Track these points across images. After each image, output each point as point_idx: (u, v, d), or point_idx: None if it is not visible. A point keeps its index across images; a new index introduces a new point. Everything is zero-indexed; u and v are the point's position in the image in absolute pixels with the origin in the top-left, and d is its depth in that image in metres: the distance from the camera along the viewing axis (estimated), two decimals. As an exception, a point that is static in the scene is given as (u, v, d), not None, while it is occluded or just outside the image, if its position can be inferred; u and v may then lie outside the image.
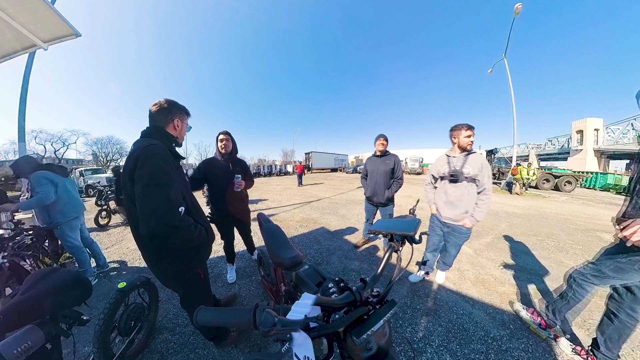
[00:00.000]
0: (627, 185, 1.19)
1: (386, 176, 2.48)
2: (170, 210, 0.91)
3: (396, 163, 2.48)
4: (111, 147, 34.23)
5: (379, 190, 2.50)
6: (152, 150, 0.96)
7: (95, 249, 2.51)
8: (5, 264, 1.66)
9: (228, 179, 1.94)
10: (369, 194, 2.59)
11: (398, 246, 0.80)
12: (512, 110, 10.64)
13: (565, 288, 1.47)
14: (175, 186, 0.97)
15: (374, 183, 2.53)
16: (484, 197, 1.71)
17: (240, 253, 2.95)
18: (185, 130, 1.20)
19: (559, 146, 23.26)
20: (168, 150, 1.05)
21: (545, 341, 1.50)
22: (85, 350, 1.46)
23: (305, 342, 0.51)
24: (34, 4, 2.29)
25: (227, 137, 2.00)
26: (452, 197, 1.82)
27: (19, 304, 0.88)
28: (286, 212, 5.30)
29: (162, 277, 1.15)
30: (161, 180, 0.93)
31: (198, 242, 1.05)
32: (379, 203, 2.55)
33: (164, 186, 0.93)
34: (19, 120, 3.67)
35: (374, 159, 2.60)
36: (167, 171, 0.96)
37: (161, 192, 0.91)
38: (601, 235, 3.70)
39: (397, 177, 2.49)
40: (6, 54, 3.20)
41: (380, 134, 2.52)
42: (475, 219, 1.73)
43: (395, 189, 2.50)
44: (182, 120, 1.16)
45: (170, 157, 1.03)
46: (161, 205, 0.89)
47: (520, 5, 8.71)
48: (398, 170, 2.48)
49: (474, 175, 1.70)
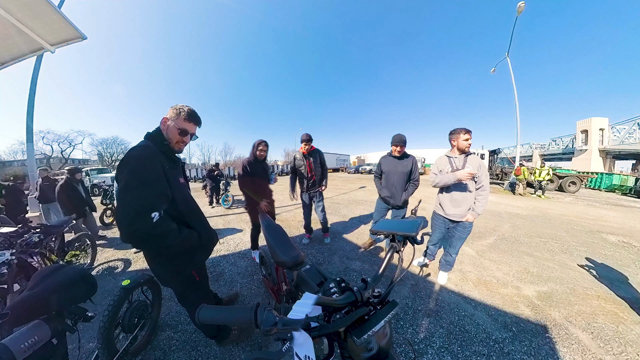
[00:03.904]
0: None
1: (404, 178, 2.43)
2: (140, 216, 0.84)
3: (414, 164, 2.45)
4: (116, 147, 34.68)
5: (396, 193, 2.45)
6: (131, 153, 0.92)
7: None
8: (14, 260, 1.69)
9: (265, 178, 2.52)
10: (387, 196, 2.50)
11: (399, 247, 0.80)
12: (516, 109, 10.52)
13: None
14: (151, 190, 0.89)
15: (391, 185, 2.46)
16: (483, 192, 1.88)
17: (242, 252, 2.97)
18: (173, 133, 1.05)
19: (563, 146, 22.93)
20: (161, 152, 1.00)
21: (549, 343, 1.48)
22: (90, 346, 1.49)
23: (306, 342, 0.51)
24: (42, 8, 2.34)
25: (266, 147, 2.47)
26: (456, 195, 1.94)
27: (26, 300, 0.90)
28: (288, 212, 5.31)
29: (158, 276, 1.17)
30: (133, 184, 0.87)
31: (182, 248, 0.98)
32: (396, 205, 2.50)
33: (136, 190, 0.86)
34: (27, 121, 3.75)
35: (390, 160, 2.50)
36: (142, 175, 0.89)
37: (132, 197, 0.85)
38: (606, 237, 3.64)
39: (414, 179, 2.47)
40: (15, 57, 3.27)
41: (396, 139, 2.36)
42: (476, 212, 1.89)
43: (411, 191, 2.47)
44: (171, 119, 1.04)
45: (156, 160, 0.95)
46: (131, 211, 0.84)
47: (522, 4, 8.60)
48: (415, 172, 2.46)
49: (473, 173, 1.83)
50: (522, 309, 1.83)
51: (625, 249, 3.18)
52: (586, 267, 2.57)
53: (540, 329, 1.61)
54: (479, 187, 1.88)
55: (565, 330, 1.61)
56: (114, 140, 34.86)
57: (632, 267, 2.59)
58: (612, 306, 1.87)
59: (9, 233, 1.84)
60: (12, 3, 2.27)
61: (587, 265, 2.62)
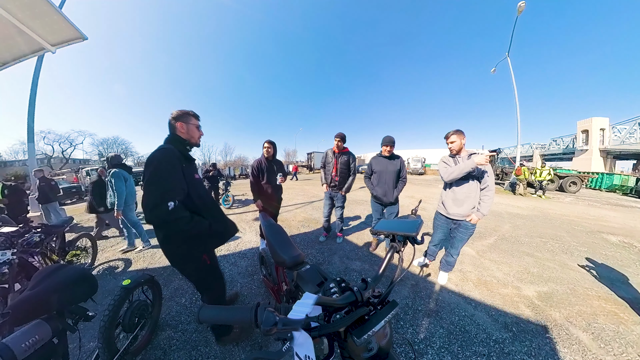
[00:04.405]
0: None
1: (394, 176, 2.57)
2: (160, 205, 1.03)
3: (402, 164, 2.63)
4: (116, 147, 34.74)
5: (389, 190, 2.58)
6: (155, 153, 1.13)
7: (140, 229, 3.12)
8: (15, 260, 1.70)
9: (273, 177, 2.62)
10: (380, 194, 2.61)
11: (400, 247, 0.80)
12: (516, 109, 10.51)
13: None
14: (170, 184, 1.08)
15: (383, 183, 2.59)
16: (489, 192, 1.84)
17: (242, 252, 2.97)
18: (193, 131, 1.27)
19: (564, 146, 22.90)
20: (179, 152, 1.18)
21: (549, 344, 1.48)
22: (91, 345, 1.49)
23: (306, 342, 0.51)
24: (43, 8, 2.35)
25: (270, 145, 2.61)
26: (459, 194, 1.93)
27: (28, 300, 0.90)
28: (288, 212, 5.31)
29: (171, 259, 1.25)
30: (154, 178, 1.06)
31: (194, 232, 1.15)
32: (389, 202, 2.62)
33: (157, 184, 1.06)
34: (28, 122, 3.76)
35: (381, 160, 2.62)
36: (163, 171, 1.08)
37: (153, 190, 1.05)
38: (607, 238, 3.64)
39: (403, 177, 2.62)
40: (16, 57, 3.27)
41: (387, 140, 2.49)
42: (481, 213, 1.86)
43: (401, 188, 2.62)
44: (185, 122, 1.24)
45: (176, 159, 1.14)
46: (152, 200, 1.03)
47: (523, 3, 8.58)
48: (403, 170, 2.63)
49: (478, 174, 1.83)
50: (522, 309, 1.82)
51: (625, 249, 3.18)
52: (587, 268, 2.57)
53: (540, 330, 1.61)
54: (484, 187, 1.85)
55: (566, 330, 1.61)
56: (114, 140, 34.94)
57: (633, 268, 2.58)
58: (612, 307, 1.87)
59: (10, 233, 1.84)
60: (13, 3, 2.27)
61: (587, 266, 2.62)
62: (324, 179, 3.05)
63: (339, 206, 3.07)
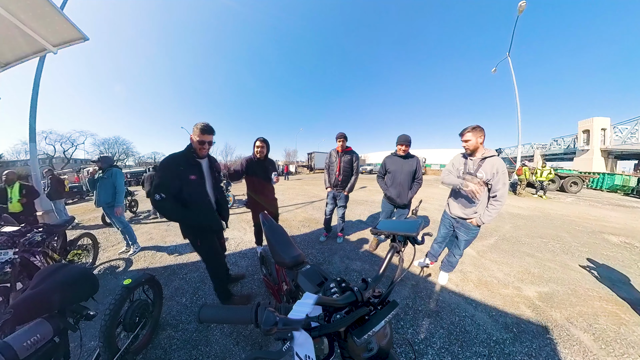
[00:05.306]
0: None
1: (409, 177, 2.47)
2: (152, 195, 1.45)
3: (418, 164, 2.50)
4: (118, 147, 34.87)
5: (403, 192, 2.47)
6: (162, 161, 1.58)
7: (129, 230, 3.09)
8: (17, 259, 1.71)
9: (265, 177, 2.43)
10: (394, 195, 2.50)
11: (400, 247, 0.80)
12: (517, 109, 10.48)
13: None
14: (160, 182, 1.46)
15: (398, 184, 2.48)
16: (496, 202, 1.70)
17: (242, 252, 2.98)
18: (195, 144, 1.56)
19: (565, 146, 22.79)
20: (185, 157, 1.55)
21: (550, 345, 1.48)
22: (92, 344, 1.50)
23: (306, 342, 0.51)
24: (44, 9, 2.36)
25: (262, 145, 2.40)
26: (463, 196, 1.86)
27: (29, 299, 0.90)
28: (288, 212, 5.31)
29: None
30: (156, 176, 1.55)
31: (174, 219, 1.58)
32: (402, 204, 2.52)
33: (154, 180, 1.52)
34: (30, 122, 3.77)
35: (396, 159, 2.51)
36: (159, 172, 1.50)
37: (153, 184, 1.48)
38: (608, 238, 3.62)
39: (418, 178, 2.50)
40: (18, 58, 3.29)
41: (402, 138, 2.40)
42: (482, 220, 1.76)
43: (416, 190, 2.51)
44: (193, 134, 1.56)
45: (173, 164, 1.50)
46: (150, 191, 1.47)
47: (524, 3, 8.55)
48: (419, 171, 2.50)
49: (486, 180, 1.71)
50: (523, 309, 1.82)
51: (627, 249, 3.17)
52: (588, 268, 2.56)
53: (541, 330, 1.60)
54: (493, 195, 1.70)
55: (567, 331, 1.61)
56: (115, 140, 35.05)
57: (634, 268, 2.57)
58: (613, 307, 1.86)
59: (12, 232, 1.85)
60: (15, 4, 2.29)
61: (588, 266, 2.61)
62: (328, 182, 2.97)
63: (342, 206, 3.03)
